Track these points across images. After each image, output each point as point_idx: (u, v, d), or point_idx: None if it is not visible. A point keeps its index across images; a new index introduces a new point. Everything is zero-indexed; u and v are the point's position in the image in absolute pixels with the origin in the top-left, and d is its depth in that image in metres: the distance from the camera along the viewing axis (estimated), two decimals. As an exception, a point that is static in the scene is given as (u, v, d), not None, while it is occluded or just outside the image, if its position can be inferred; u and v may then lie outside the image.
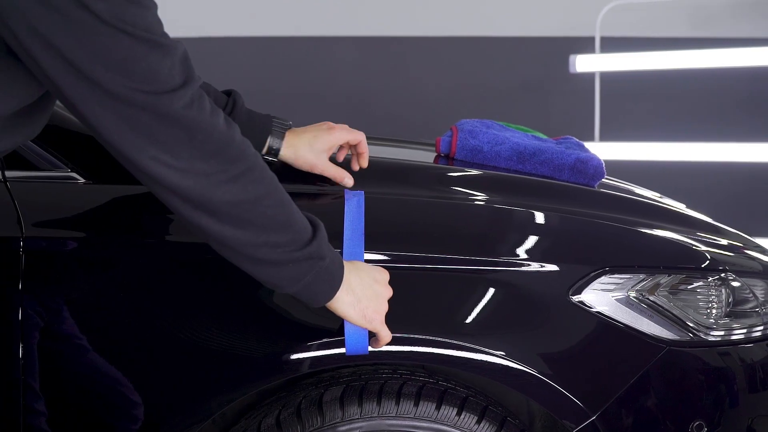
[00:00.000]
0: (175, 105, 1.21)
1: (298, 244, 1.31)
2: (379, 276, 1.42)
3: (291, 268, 1.31)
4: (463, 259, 1.52)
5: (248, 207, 1.27)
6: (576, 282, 1.53)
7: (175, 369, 1.53)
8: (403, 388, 1.52)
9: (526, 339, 1.52)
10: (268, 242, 1.29)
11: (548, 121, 4.75)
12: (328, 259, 1.34)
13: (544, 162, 1.88)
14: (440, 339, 1.50)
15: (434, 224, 1.58)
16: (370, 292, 1.39)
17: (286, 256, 1.30)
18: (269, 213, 1.29)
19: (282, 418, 1.52)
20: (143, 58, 1.18)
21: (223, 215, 1.27)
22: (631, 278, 1.57)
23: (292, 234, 1.31)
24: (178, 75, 1.21)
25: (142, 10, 1.19)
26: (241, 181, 1.26)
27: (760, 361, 1.69)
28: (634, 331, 1.55)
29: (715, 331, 1.62)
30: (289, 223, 1.31)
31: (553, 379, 1.51)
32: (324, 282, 1.35)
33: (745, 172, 4.51)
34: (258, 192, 1.28)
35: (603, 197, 1.79)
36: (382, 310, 1.40)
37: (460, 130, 1.94)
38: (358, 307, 1.38)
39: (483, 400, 1.55)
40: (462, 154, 1.91)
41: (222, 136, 1.26)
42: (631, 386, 1.54)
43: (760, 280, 1.75)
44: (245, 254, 1.30)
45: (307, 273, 1.32)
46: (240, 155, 1.27)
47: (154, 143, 1.22)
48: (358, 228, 1.50)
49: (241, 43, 4.71)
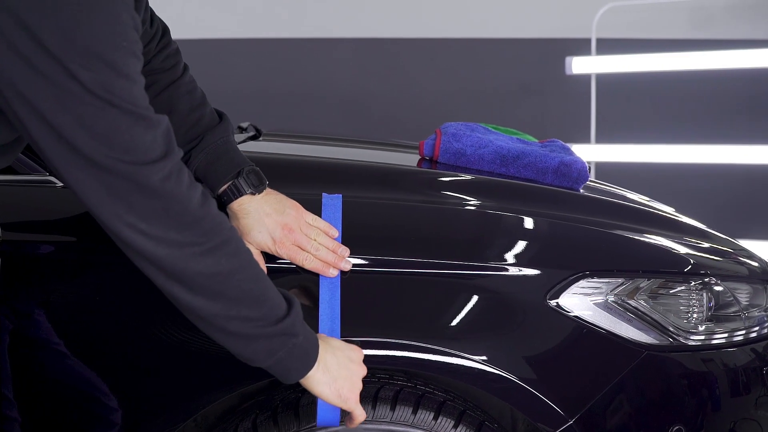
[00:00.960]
0: (153, 177, 1.23)
1: (271, 319, 1.32)
2: (354, 355, 1.42)
3: (263, 342, 1.32)
4: (440, 263, 1.52)
5: (221, 280, 1.29)
6: (554, 286, 1.53)
7: (153, 371, 1.54)
8: (380, 393, 1.52)
9: (503, 343, 1.52)
10: (240, 316, 1.30)
11: (544, 122, 4.74)
12: (301, 337, 1.35)
13: (527, 165, 1.88)
14: (416, 343, 1.49)
15: (411, 229, 1.58)
16: (345, 372, 1.40)
17: (257, 330, 1.31)
18: (242, 287, 1.30)
19: (259, 422, 1.51)
20: (126, 130, 1.21)
21: (196, 286, 1.29)
22: (610, 282, 1.57)
23: (265, 309, 1.32)
24: (159, 148, 1.24)
25: (129, 83, 1.22)
26: (215, 254, 1.28)
27: (743, 366, 1.69)
28: (613, 335, 1.55)
29: (695, 335, 1.62)
30: (263, 298, 1.32)
31: (529, 384, 1.50)
32: (297, 359, 1.35)
33: (743, 174, 4.49)
34: (232, 266, 1.29)
35: (585, 201, 1.79)
36: (357, 389, 1.41)
37: (444, 134, 1.94)
38: (334, 386, 1.39)
39: (461, 404, 1.55)
40: (445, 158, 1.90)
41: (198, 209, 1.28)
42: (609, 391, 1.54)
43: (744, 284, 1.74)
44: (216, 325, 1.31)
45: (279, 349, 1.33)
46: (215, 228, 1.29)
47: (131, 211, 1.24)
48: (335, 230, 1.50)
49: (239, 44, 4.71)
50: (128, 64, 1.21)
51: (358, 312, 1.51)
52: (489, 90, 4.74)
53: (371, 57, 4.75)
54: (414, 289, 1.52)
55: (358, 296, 1.51)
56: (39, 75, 1.18)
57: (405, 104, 4.69)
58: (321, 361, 1.38)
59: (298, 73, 4.73)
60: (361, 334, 1.50)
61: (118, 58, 1.20)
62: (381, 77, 4.75)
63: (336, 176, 1.64)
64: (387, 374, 1.58)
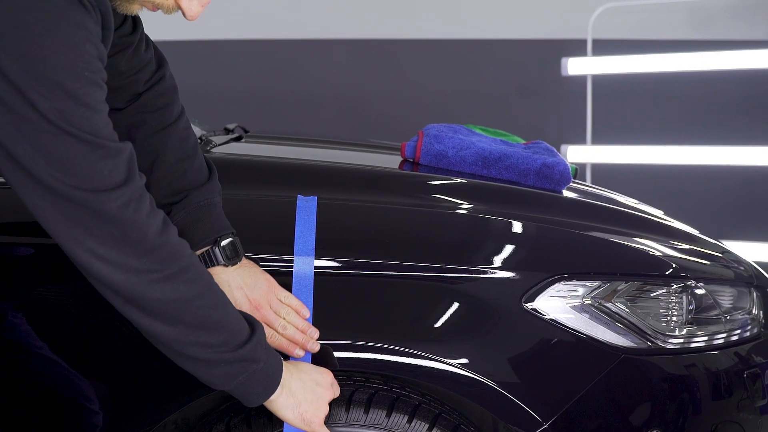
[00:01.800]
0: (111, 204, 1.24)
1: (231, 345, 1.33)
2: (321, 378, 1.43)
3: (223, 368, 1.33)
4: (414, 266, 1.51)
5: (179, 306, 1.30)
6: (529, 289, 1.52)
7: (131, 372, 1.54)
8: (354, 395, 1.51)
9: (477, 347, 1.51)
10: (199, 341, 1.31)
11: (540, 123, 4.73)
12: (262, 363, 1.35)
13: (509, 167, 1.87)
14: (390, 346, 1.49)
15: (384, 231, 1.57)
16: (311, 396, 1.41)
17: (216, 356, 1.32)
18: (200, 313, 1.31)
19: (232, 425, 1.51)
20: (84, 158, 1.22)
21: (154, 312, 1.29)
22: (587, 285, 1.56)
23: (224, 335, 1.32)
24: (119, 175, 1.25)
25: (89, 112, 1.23)
26: (173, 280, 1.29)
27: (724, 369, 1.68)
28: (589, 338, 1.54)
29: (673, 338, 1.61)
30: (222, 324, 1.33)
31: (504, 387, 1.50)
32: (258, 384, 1.36)
33: (740, 176, 4.47)
34: (190, 292, 1.30)
35: (563, 203, 1.78)
36: (322, 413, 1.42)
37: (426, 135, 1.93)
38: (297, 410, 1.40)
39: (437, 407, 1.54)
40: (427, 159, 1.90)
41: (157, 237, 1.28)
42: (585, 394, 1.53)
43: (728, 287, 1.73)
44: (176, 350, 1.33)
45: (239, 374, 1.34)
46: (174, 256, 1.30)
47: (90, 237, 1.25)
48: (309, 233, 1.50)
49: (236, 46, 4.71)
50: (89, 93, 1.22)
51: (333, 314, 1.51)
52: (485, 91, 4.73)
53: (368, 58, 4.74)
54: (388, 291, 1.51)
55: (333, 299, 1.51)
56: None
57: (402, 105, 4.69)
58: (285, 385, 1.38)
59: (295, 74, 4.73)
60: (335, 336, 1.49)
61: (78, 87, 1.21)
62: (378, 78, 4.75)
63: (311, 178, 1.64)
64: (363, 377, 1.57)
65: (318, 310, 1.49)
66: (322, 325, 1.48)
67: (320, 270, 1.50)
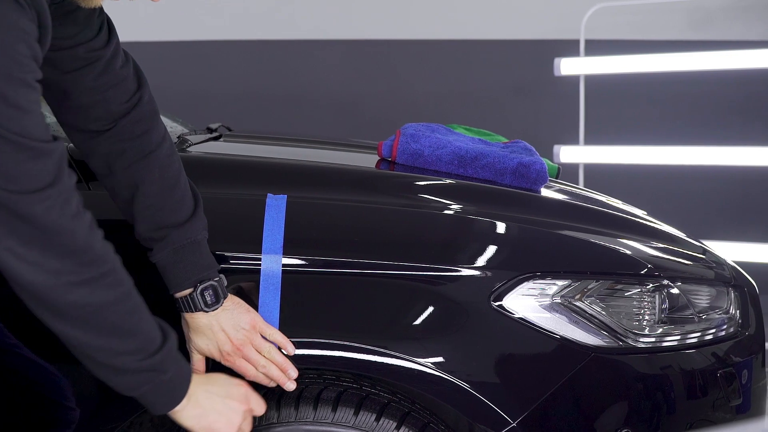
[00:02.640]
0: (36, 206, 1.23)
1: (141, 354, 1.32)
2: (235, 391, 1.43)
3: (129, 376, 1.33)
4: (381, 264, 1.51)
5: (91, 311, 1.29)
6: (497, 288, 1.52)
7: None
8: (323, 393, 1.51)
9: (445, 345, 1.51)
10: (108, 348, 1.31)
11: (533, 124, 4.73)
12: (170, 374, 1.35)
13: (485, 166, 1.87)
14: (357, 345, 1.49)
15: (351, 230, 1.57)
16: (220, 406, 1.40)
17: (125, 364, 1.32)
18: (112, 319, 1.30)
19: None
20: (11, 159, 1.22)
21: (66, 314, 1.29)
22: (556, 283, 1.55)
23: (136, 343, 1.32)
24: (47, 177, 1.24)
25: (19, 113, 1.22)
26: (91, 285, 1.28)
27: (698, 368, 1.67)
28: (558, 337, 1.54)
29: (645, 337, 1.60)
30: (134, 332, 1.32)
31: (471, 386, 1.49)
32: (162, 395, 1.36)
33: (732, 176, 4.47)
34: (106, 298, 1.29)
35: (535, 201, 1.78)
36: (233, 425, 1.41)
37: (402, 134, 1.93)
38: (205, 421, 1.39)
39: (407, 406, 1.54)
40: (403, 158, 1.90)
41: (81, 240, 1.27)
42: (554, 393, 1.52)
43: (705, 287, 1.73)
44: (84, 353, 1.32)
45: (145, 383, 1.34)
46: (96, 261, 1.29)
47: (11, 236, 1.24)
48: (278, 231, 1.50)
49: (230, 46, 4.72)
50: (19, 94, 1.21)
51: (302, 312, 1.51)
52: (477, 91, 4.73)
53: (361, 59, 4.74)
54: (355, 290, 1.51)
55: (301, 297, 1.51)
56: None
57: (395, 105, 4.69)
58: (191, 396, 1.38)
59: (289, 75, 4.73)
60: (303, 334, 1.49)
61: (9, 88, 1.20)
62: (371, 79, 4.75)
63: (281, 176, 1.64)
64: (334, 375, 1.58)
65: (289, 308, 1.50)
66: (292, 323, 1.48)
67: (289, 268, 1.50)
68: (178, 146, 1.75)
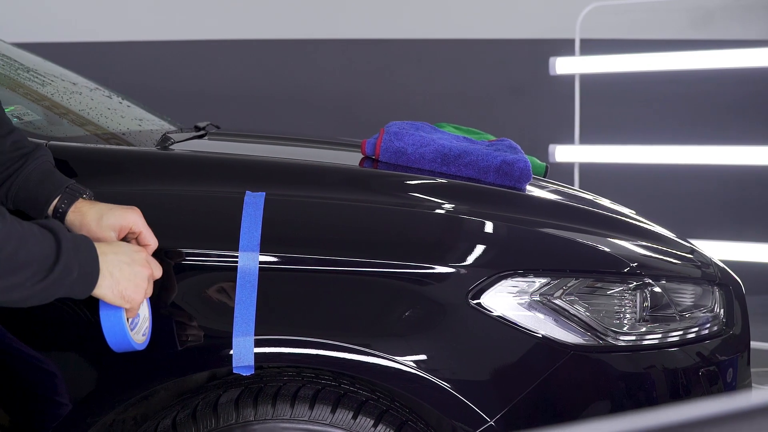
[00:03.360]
0: None
1: (41, 273, 1.31)
2: (137, 257, 1.42)
3: (40, 294, 1.32)
4: (360, 262, 1.51)
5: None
6: (475, 285, 1.51)
7: (86, 362, 1.55)
8: (300, 391, 1.51)
9: (422, 342, 1.50)
10: (9, 286, 1.30)
11: (528, 123, 4.72)
12: (76, 269, 1.34)
13: (468, 164, 1.87)
14: (333, 342, 1.48)
15: (328, 227, 1.57)
16: (128, 272, 1.40)
17: (26, 291, 1.31)
18: (4, 263, 1.28)
19: (178, 420, 1.51)
20: None
21: None
22: (535, 281, 1.55)
23: (31, 269, 1.30)
24: None
25: None
26: None
27: (681, 367, 1.67)
28: (537, 335, 1.53)
29: (624, 336, 1.60)
30: (25, 262, 1.30)
31: (449, 383, 1.49)
32: (80, 285, 1.36)
33: (729, 175, 4.46)
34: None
35: (516, 199, 1.77)
36: (141, 290, 1.41)
37: (386, 132, 1.93)
38: (117, 289, 1.39)
39: (385, 404, 1.54)
40: (386, 156, 1.89)
41: None
42: (532, 391, 1.52)
43: (690, 285, 1.72)
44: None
45: (58, 291, 1.34)
46: None
47: None
48: (255, 229, 1.50)
49: (226, 46, 4.72)
50: None
51: (280, 310, 1.51)
52: (473, 90, 4.72)
53: (356, 58, 4.74)
54: (331, 288, 1.51)
55: (279, 295, 1.51)
56: None
57: (390, 104, 4.69)
58: (104, 272, 1.37)
59: (285, 75, 4.73)
60: (278, 332, 1.49)
61: None
62: (367, 77, 4.74)
63: (259, 174, 1.63)
64: (314, 373, 1.57)
65: (267, 306, 1.49)
66: (268, 321, 1.48)
67: (267, 266, 1.50)
68: (160, 144, 1.75)
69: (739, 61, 3.86)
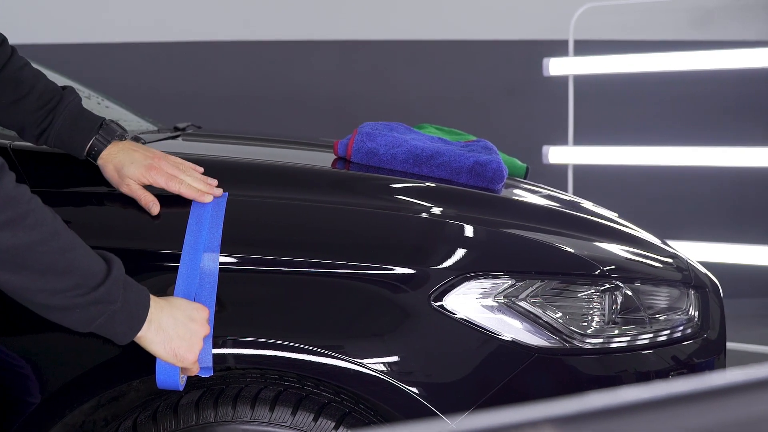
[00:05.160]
0: None
1: (83, 289, 1.31)
2: (197, 314, 1.42)
3: (78, 312, 1.32)
4: (319, 263, 1.50)
5: (20, 253, 1.27)
6: (437, 287, 1.50)
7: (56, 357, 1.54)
8: (261, 393, 1.50)
9: (383, 345, 1.49)
10: (47, 288, 1.29)
11: (521, 124, 4.71)
12: (120, 302, 1.34)
13: (441, 165, 1.86)
14: (293, 344, 1.47)
15: (292, 228, 1.56)
16: (183, 331, 1.39)
17: (68, 301, 1.30)
18: (45, 259, 1.28)
19: (139, 422, 1.51)
20: None
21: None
22: (500, 283, 1.53)
23: (75, 279, 1.30)
24: None
25: None
26: (11, 227, 1.26)
27: (651, 370, 1.65)
28: (500, 337, 1.52)
29: (592, 338, 1.58)
30: (72, 268, 1.30)
31: (409, 386, 1.47)
32: (120, 323, 1.35)
33: (724, 177, 4.44)
34: (31, 238, 1.27)
35: (483, 200, 1.75)
36: (197, 349, 1.41)
37: (359, 133, 1.92)
38: (169, 346, 1.39)
39: (348, 406, 1.53)
40: (358, 157, 1.89)
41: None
42: (495, 394, 1.50)
43: (665, 288, 1.71)
44: (26, 298, 1.31)
45: (97, 317, 1.33)
46: (10, 202, 1.27)
47: None
48: (216, 229, 1.49)
49: (223, 47, 4.72)
50: None
51: (240, 312, 1.50)
52: (466, 91, 4.71)
53: (351, 59, 4.74)
54: (292, 289, 1.50)
55: (239, 296, 1.50)
56: None
57: (385, 105, 4.68)
58: (153, 321, 1.37)
59: (281, 76, 4.73)
60: (239, 333, 1.48)
61: None
62: (360, 78, 4.74)
63: (225, 174, 1.62)
64: (277, 375, 1.56)
65: (227, 307, 1.48)
66: (227, 322, 1.47)
67: (227, 266, 1.49)
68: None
69: (736, 61, 3.84)
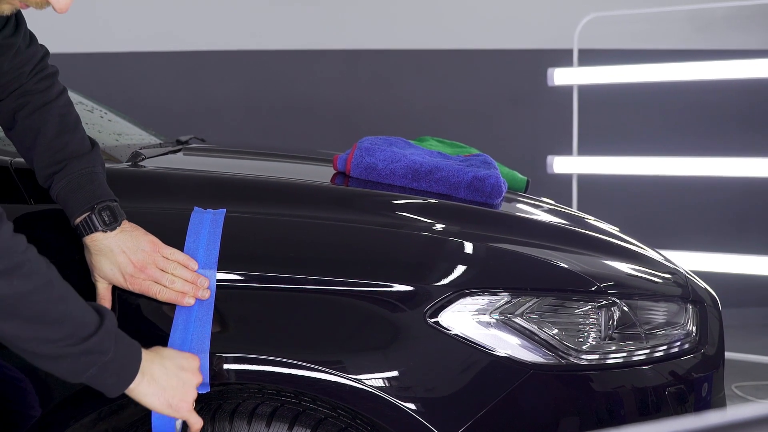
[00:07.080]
0: None
1: (75, 339, 1.32)
2: (186, 363, 1.42)
3: (68, 362, 1.32)
4: (316, 279, 1.51)
5: (13, 302, 1.28)
6: (433, 304, 1.51)
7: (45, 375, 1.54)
8: (258, 408, 1.51)
9: (379, 361, 1.49)
10: (38, 337, 1.30)
11: (526, 134, 4.71)
12: (111, 353, 1.34)
13: (439, 180, 1.87)
14: (290, 360, 1.48)
15: (287, 244, 1.57)
16: (175, 381, 1.40)
17: (59, 351, 1.31)
18: (38, 308, 1.30)
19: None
20: None
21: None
22: (495, 300, 1.54)
23: (67, 329, 1.31)
24: None
25: None
26: (6, 277, 1.27)
27: (648, 386, 1.65)
28: (496, 354, 1.52)
29: (587, 354, 1.58)
30: (64, 318, 1.31)
31: (405, 402, 1.48)
32: (112, 375, 1.36)
33: (728, 187, 4.43)
34: (25, 288, 1.29)
35: (479, 215, 1.75)
36: (190, 398, 1.42)
37: (358, 148, 1.93)
38: (163, 396, 1.39)
39: (345, 422, 1.53)
40: (357, 172, 1.90)
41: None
42: (490, 410, 1.50)
43: (663, 303, 1.71)
44: (17, 346, 1.32)
45: (88, 367, 1.34)
46: (5, 253, 1.28)
47: None
48: (213, 246, 1.50)
49: (226, 57, 4.74)
50: None
51: (237, 328, 1.51)
52: (471, 101, 4.72)
53: (355, 68, 4.75)
54: (289, 305, 1.50)
55: (237, 312, 1.51)
56: None
57: (389, 115, 4.69)
58: (145, 372, 1.38)
59: (286, 86, 4.74)
60: (235, 349, 1.49)
61: None
62: (365, 87, 4.75)
63: (211, 191, 1.63)
64: (275, 391, 1.57)
65: (226, 323, 1.49)
66: (224, 339, 1.48)
67: (226, 283, 1.50)
68: (131, 160, 1.76)
69: (740, 71, 3.84)
